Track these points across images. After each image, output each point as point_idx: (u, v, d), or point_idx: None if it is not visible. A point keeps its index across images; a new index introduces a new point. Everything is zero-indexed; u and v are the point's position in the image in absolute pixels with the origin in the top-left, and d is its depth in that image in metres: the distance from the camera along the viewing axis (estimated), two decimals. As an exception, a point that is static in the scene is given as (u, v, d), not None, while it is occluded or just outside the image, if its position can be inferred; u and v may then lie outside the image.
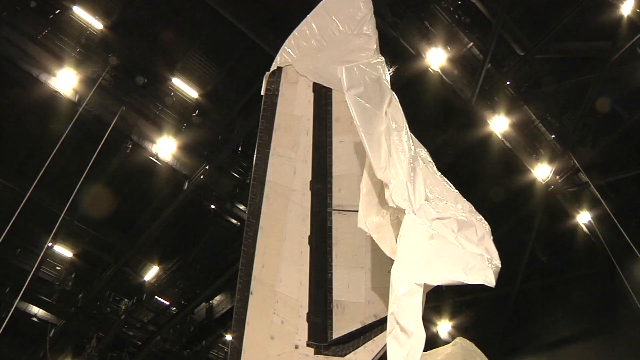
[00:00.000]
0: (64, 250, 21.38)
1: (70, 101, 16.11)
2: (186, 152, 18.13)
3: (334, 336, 5.36)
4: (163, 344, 20.73)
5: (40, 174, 12.44)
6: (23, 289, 11.56)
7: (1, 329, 8.47)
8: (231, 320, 5.72)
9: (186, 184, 18.33)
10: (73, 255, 21.42)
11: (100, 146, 14.27)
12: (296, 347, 5.38)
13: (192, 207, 19.00)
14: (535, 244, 17.92)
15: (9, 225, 11.29)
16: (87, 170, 13.47)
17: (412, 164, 4.49)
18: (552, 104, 18.66)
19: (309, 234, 5.56)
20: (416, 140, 4.96)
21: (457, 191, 4.68)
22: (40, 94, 16.08)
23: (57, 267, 21.79)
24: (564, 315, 16.28)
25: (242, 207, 18.52)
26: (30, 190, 12.74)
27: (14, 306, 10.88)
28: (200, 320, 21.23)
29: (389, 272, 4.11)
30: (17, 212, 11.80)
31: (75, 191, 13.20)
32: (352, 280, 5.37)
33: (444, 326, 16.71)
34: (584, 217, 17.99)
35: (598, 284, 16.16)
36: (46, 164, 12.57)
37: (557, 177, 17.83)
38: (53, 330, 20.94)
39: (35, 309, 20.69)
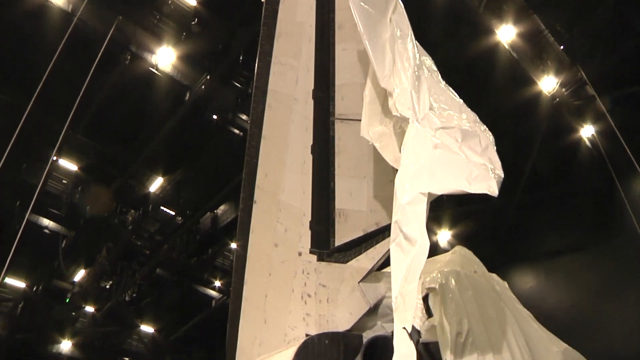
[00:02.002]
0: (69, 164, 21.56)
1: (63, 11, 15.61)
2: (186, 62, 17.81)
3: (336, 244, 5.48)
4: (170, 253, 21.35)
5: (39, 88, 12.27)
6: (32, 202, 11.76)
7: (16, 241, 8.71)
8: (236, 229, 5.82)
9: (187, 94, 18.14)
10: (78, 169, 21.62)
11: (98, 57, 13.98)
12: (299, 254, 5.51)
13: (195, 118, 18.92)
14: (537, 157, 17.96)
15: (12, 140, 11.28)
16: (86, 83, 13.28)
17: (416, 73, 4.40)
18: (563, 14, 18.03)
19: (311, 143, 5.55)
20: (421, 48, 4.83)
21: (461, 101, 4.61)
22: (31, 2, 15.55)
23: (64, 181, 22.07)
24: (561, 228, 16.58)
25: (244, 117, 18.43)
26: (31, 105, 12.61)
27: (26, 218, 11.10)
28: (206, 230, 21.74)
29: (392, 181, 4.13)
30: (18, 127, 11.76)
31: (76, 105, 13.09)
32: (355, 189, 5.42)
33: (443, 235, 17.11)
34: (587, 131, 17.89)
35: (597, 199, 16.35)
36: (44, 77, 12.37)
37: (563, 89, 17.56)
38: (64, 242, 21.54)
39: (45, 221, 21.19)
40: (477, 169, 3.87)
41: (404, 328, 3.78)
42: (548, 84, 17.66)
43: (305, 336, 5.44)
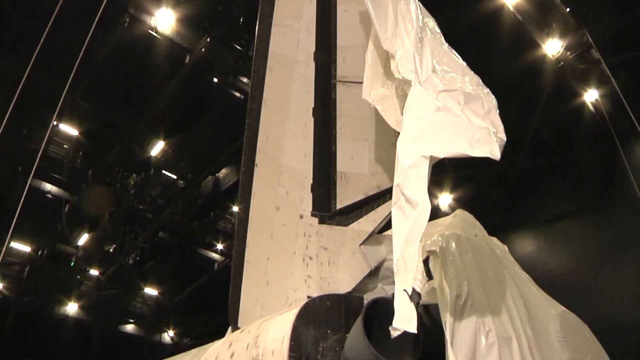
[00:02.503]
0: (69, 129, 21.50)
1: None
2: (186, 24, 17.55)
3: (338, 206, 5.50)
4: (172, 216, 21.48)
5: (37, 50, 12.10)
6: (34, 167, 11.74)
7: (19, 206, 8.76)
8: (237, 192, 5.83)
9: (187, 57, 17.95)
10: (79, 133, 21.56)
11: (96, 20, 13.75)
12: (301, 217, 5.53)
13: (195, 81, 18.77)
14: (540, 121, 17.85)
15: (12, 105, 11.19)
16: (84, 46, 13.08)
17: (419, 35, 4.33)
18: (569, -25, 17.65)
19: (313, 106, 5.51)
20: (424, 9, 4.75)
21: (464, 63, 4.55)
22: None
23: (65, 146, 22.05)
24: (562, 193, 16.59)
25: (245, 80, 18.26)
26: (29, 68, 12.46)
27: (28, 183, 11.11)
28: (207, 193, 21.81)
29: (393, 144, 4.11)
30: (17, 91, 11.64)
31: (75, 68, 12.93)
32: (356, 152, 5.41)
33: (444, 198, 17.13)
34: (591, 95, 17.71)
35: (599, 165, 16.30)
36: (41, 40, 12.18)
37: (568, 53, 17.32)
38: (67, 206, 21.65)
39: (48, 186, 21.26)
40: (480, 132, 3.84)
41: (405, 290, 3.82)
42: (553, 47, 17.41)
43: (307, 298, 5.51)
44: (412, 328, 3.74)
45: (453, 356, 4.65)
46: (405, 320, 3.76)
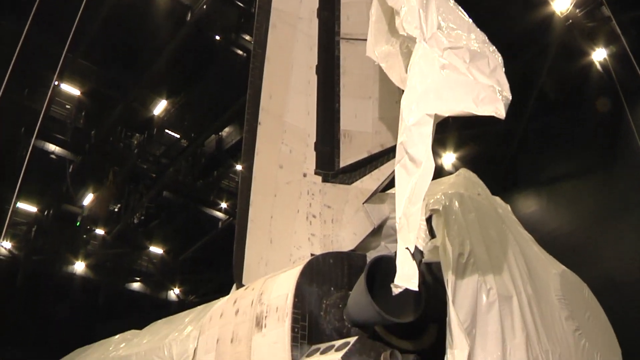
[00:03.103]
0: (71, 89, 21.35)
1: None
2: (187, -20, 17.19)
3: (341, 165, 5.50)
4: (176, 176, 21.53)
5: (35, 8, 11.88)
6: (37, 128, 11.71)
7: (24, 166, 8.78)
8: (241, 151, 5.83)
9: (189, 14, 17.66)
10: (80, 93, 21.43)
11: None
12: (304, 175, 5.54)
13: (197, 39, 18.52)
14: (546, 80, 17.63)
15: (12, 65, 11.05)
16: (84, 4, 12.84)
17: (425, -10, 4.23)
18: None
19: (316, 63, 5.45)
20: (430, -37, 4.63)
21: (470, 20, 4.47)
22: None
23: (67, 106, 21.94)
24: (566, 153, 16.51)
25: (247, 37, 17.98)
26: (27, 27, 12.25)
27: (32, 144, 11.10)
28: (211, 152, 21.81)
29: (397, 102, 4.08)
30: (17, 51, 11.49)
31: (74, 27, 12.73)
32: (360, 110, 5.38)
33: (448, 157, 17.08)
34: (599, 54, 17.43)
35: (604, 124, 16.16)
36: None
37: (577, 10, 16.96)
38: (71, 167, 21.69)
39: (52, 147, 21.26)
40: (485, 91, 3.79)
41: (407, 248, 3.84)
42: (561, 4, 17.03)
43: (310, 256, 5.57)
44: (414, 286, 3.79)
45: (454, 313, 4.72)
46: (407, 278, 3.80)
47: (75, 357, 14.07)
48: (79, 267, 24.70)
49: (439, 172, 5.91)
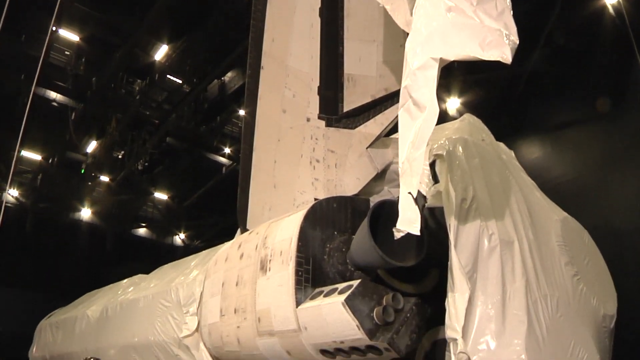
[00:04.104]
0: (70, 34, 20.96)
1: None
2: None
3: (345, 109, 5.46)
4: (179, 121, 21.44)
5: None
6: (37, 74, 11.56)
7: (26, 114, 8.74)
8: (244, 96, 5.79)
9: (189, -45, 17.14)
10: (80, 39, 21.06)
11: None
12: (308, 119, 5.52)
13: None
14: (555, 24, 17.21)
15: (5, 9, 10.77)
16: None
17: None
18: None
19: (319, 5, 5.33)
20: None
21: (479, -40, 4.32)
22: None
23: (66, 52, 21.61)
24: (572, 100, 16.29)
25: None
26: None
27: (32, 91, 11.00)
28: (214, 97, 21.60)
29: (402, 45, 4.00)
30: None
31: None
32: (364, 53, 5.29)
33: (452, 102, 16.89)
34: (612, -4, 16.91)
35: (613, 72, 15.88)
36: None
37: (590, -52, 16.35)
38: (73, 114, 21.58)
39: (53, 94, 21.09)
40: (492, 35, 3.70)
41: (410, 193, 3.86)
42: (574, -57, 16.42)
43: (314, 200, 5.63)
44: (416, 230, 3.82)
45: (456, 258, 4.79)
46: (409, 222, 3.83)
47: (85, 301, 14.43)
48: (85, 214, 24.99)
49: (443, 118, 5.86)
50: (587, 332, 5.41)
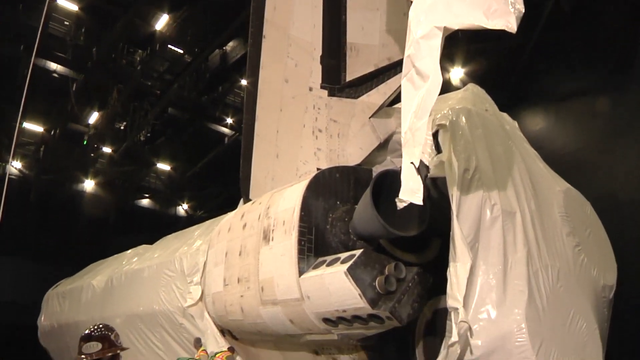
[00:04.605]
0: (69, 4, 20.65)
1: None
2: None
3: (348, 78, 5.41)
4: (181, 92, 21.30)
5: None
6: (36, 45, 11.44)
7: (26, 85, 8.67)
8: (246, 66, 5.74)
9: None
10: (79, 9, 20.76)
11: None
12: (310, 89, 5.47)
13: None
14: (561, -8, 16.92)
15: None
16: None
17: None
18: None
19: (322, -27, 5.25)
20: None
21: None
22: None
23: (66, 22, 21.32)
24: (577, 70, 16.09)
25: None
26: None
27: (32, 62, 10.92)
28: (215, 67, 21.40)
29: (405, 14, 3.94)
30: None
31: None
32: (367, 22, 5.20)
33: (456, 72, 16.70)
34: (620, -37, 16.58)
35: (620, 42, 15.66)
36: None
37: None
38: (74, 85, 21.43)
39: (53, 65, 20.88)
40: (497, 3, 3.63)
41: (412, 163, 3.85)
42: None
43: (317, 170, 5.63)
44: (418, 200, 3.82)
45: (458, 228, 4.81)
46: (411, 192, 3.83)
47: (91, 271, 14.60)
48: (89, 185, 25.05)
49: (447, 88, 5.80)
50: (586, 302, 5.47)
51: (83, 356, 2.25)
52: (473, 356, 4.54)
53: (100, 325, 2.35)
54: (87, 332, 2.30)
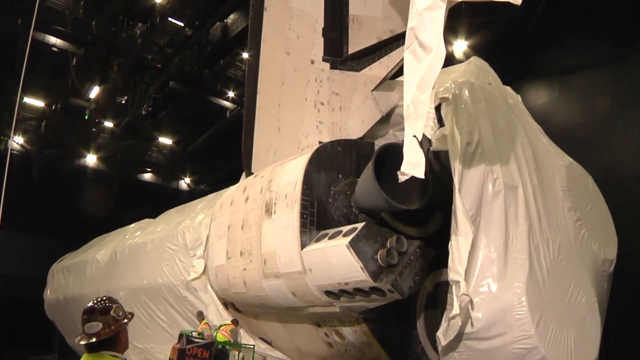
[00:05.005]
0: (66, -24, 20.34)
1: None
2: None
3: (350, 51, 5.37)
4: (182, 65, 21.12)
5: None
6: (34, 18, 11.31)
7: (25, 59, 8.58)
8: (247, 39, 5.69)
9: None
10: (78, -19, 20.45)
11: None
12: (312, 62, 5.44)
13: None
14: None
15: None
16: None
17: None
18: None
19: (324, -57, 5.17)
20: None
21: None
22: None
23: (63, -4, 21.02)
24: (582, 44, 15.91)
25: None
26: None
27: (30, 35, 10.80)
28: (216, 40, 21.17)
29: (409, -15, 3.89)
30: None
31: None
32: (369, -8, 5.16)
33: (459, 45, 16.52)
34: None
35: (624, 15, 15.42)
36: None
37: None
38: (74, 59, 21.22)
39: (52, 39, 20.64)
40: (501, -25, 3.60)
41: (414, 136, 3.84)
42: None
43: (319, 143, 5.62)
44: (420, 173, 3.82)
45: (460, 202, 4.82)
46: (413, 165, 3.83)
47: (94, 245, 14.71)
48: (91, 159, 25.02)
49: (450, 61, 5.75)
50: (586, 276, 5.50)
51: (84, 335, 2.25)
52: (473, 328, 4.60)
53: (104, 298, 2.34)
54: (89, 305, 2.30)
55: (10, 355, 16.01)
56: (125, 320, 2.36)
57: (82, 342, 2.27)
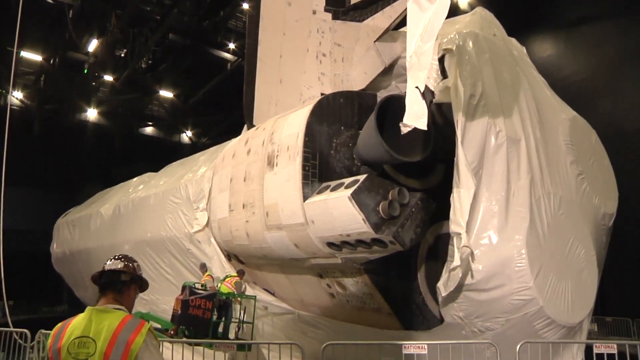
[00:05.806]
0: None
1: None
2: None
3: (352, 1, 5.27)
4: (181, 17, 20.71)
5: None
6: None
7: (19, 13, 8.38)
8: (247, -12, 5.57)
9: None
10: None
11: None
12: (314, 12, 5.34)
13: None
14: None
15: None
16: None
17: None
18: None
19: None
20: None
21: None
22: None
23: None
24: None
25: None
26: None
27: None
28: (216, -10, 20.78)
29: None
30: None
31: None
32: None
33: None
34: None
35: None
36: None
37: None
38: (71, 11, 20.78)
39: (46, -10, 20.18)
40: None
41: (417, 87, 3.80)
42: None
43: (321, 95, 5.57)
44: (423, 125, 3.80)
45: (462, 154, 4.81)
46: (416, 117, 3.81)
47: (98, 200, 14.79)
48: (92, 114, 24.88)
49: (454, 11, 5.64)
50: (586, 229, 5.55)
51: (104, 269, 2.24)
52: (473, 280, 4.66)
53: (126, 254, 2.36)
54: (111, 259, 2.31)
55: (22, 308, 16.34)
56: (143, 276, 2.40)
57: (108, 268, 2.24)
